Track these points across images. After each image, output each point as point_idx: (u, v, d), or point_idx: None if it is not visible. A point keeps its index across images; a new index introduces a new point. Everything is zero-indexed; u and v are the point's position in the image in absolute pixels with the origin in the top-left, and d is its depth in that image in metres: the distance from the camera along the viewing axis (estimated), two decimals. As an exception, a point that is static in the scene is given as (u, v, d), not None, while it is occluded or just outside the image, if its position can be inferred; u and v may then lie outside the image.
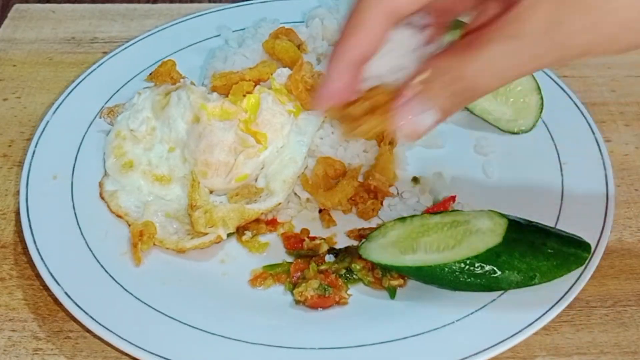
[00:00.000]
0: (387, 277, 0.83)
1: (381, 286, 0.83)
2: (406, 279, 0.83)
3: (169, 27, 1.15)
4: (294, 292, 0.82)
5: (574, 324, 0.82)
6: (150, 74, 1.04)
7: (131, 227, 0.88)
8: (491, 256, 0.77)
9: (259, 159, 0.92)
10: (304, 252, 0.88)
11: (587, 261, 0.81)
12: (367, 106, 0.64)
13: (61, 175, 0.92)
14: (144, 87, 1.02)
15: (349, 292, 0.83)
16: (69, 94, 1.02)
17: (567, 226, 0.84)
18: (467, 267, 0.77)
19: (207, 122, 0.90)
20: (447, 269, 0.77)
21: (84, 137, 0.98)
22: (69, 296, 0.78)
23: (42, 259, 0.82)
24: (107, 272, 0.83)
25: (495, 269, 0.77)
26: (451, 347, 0.75)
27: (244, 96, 0.94)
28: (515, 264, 0.77)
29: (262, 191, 0.91)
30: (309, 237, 0.89)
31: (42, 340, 0.81)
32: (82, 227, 0.87)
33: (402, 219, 0.84)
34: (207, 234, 0.86)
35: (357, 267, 0.84)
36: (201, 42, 1.13)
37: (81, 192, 0.91)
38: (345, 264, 0.85)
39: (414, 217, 0.84)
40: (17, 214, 0.91)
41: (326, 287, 0.82)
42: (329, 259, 0.86)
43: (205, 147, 0.90)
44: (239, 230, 0.89)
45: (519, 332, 0.76)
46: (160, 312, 0.79)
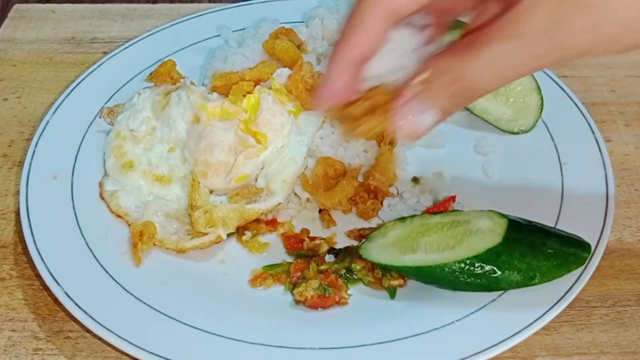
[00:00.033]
0: (387, 277, 0.83)
1: (381, 286, 0.83)
2: (406, 279, 0.83)
3: (169, 27, 1.15)
4: (294, 292, 0.82)
5: (574, 324, 0.82)
6: (150, 74, 1.04)
7: (131, 227, 0.88)
8: (491, 256, 0.77)
9: (259, 159, 0.92)
10: (304, 252, 0.88)
11: (587, 261, 0.81)
12: (367, 106, 0.64)
13: (61, 175, 0.92)
14: (144, 87, 1.02)
15: (349, 292, 0.83)
16: (69, 94, 1.02)
17: (567, 226, 0.84)
18: (467, 267, 0.77)
19: (207, 122, 0.90)
20: (447, 269, 0.77)
21: (84, 137, 0.98)
22: (69, 296, 0.78)
23: (42, 259, 0.82)
24: (107, 272, 0.83)
25: (495, 269, 0.77)
26: (451, 347, 0.75)
27: (244, 96, 0.94)
28: (515, 264, 0.77)
29: (262, 191, 0.91)
30: (309, 237, 0.89)
31: (42, 340, 0.81)
32: (82, 227, 0.87)
33: (402, 219, 0.84)
34: (207, 234, 0.86)
35: (357, 267, 0.84)
36: (201, 42, 1.13)
37: (81, 192, 0.91)
38: (345, 264, 0.85)
39: (414, 217, 0.84)
40: (17, 214, 0.91)
41: (326, 287, 0.82)
42: (329, 259, 0.86)
43: (205, 147, 0.90)
44: (239, 230, 0.89)
45: (519, 332, 0.76)
46: (160, 312, 0.79)
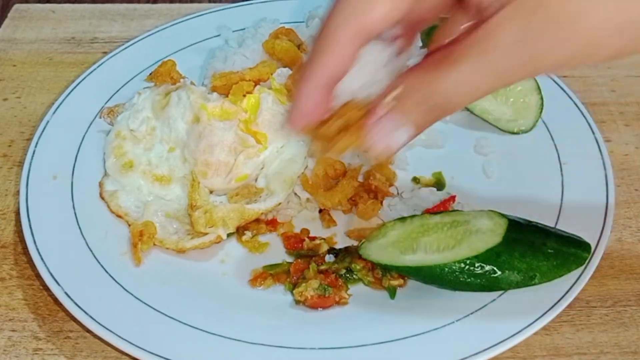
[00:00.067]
0: (387, 277, 0.83)
1: (381, 286, 0.83)
2: (406, 279, 0.83)
3: (169, 27, 1.15)
4: (294, 292, 0.82)
5: (574, 324, 0.82)
6: (150, 74, 1.04)
7: (131, 227, 0.88)
8: (491, 256, 0.77)
9: (259, 159, 0.92)
10: (304, 252, 0.88)
11: (587, 261, 0.81)
12: (340, 123, 0.62)
13: (61, 175, 0.92)
14: (144, 87, 1.02)
15: (349, 292, 0.83)
16: (69, 94, 1.02)
17: (567, 226, 0.84)
18: (467, 267, 0.77)
19: (207, 122, 0.90)
20: (447, 269, 0.77)
21: (84, 137, 0.97)
22: (69, 296, 0.78)
23: (42, 259, 0.82)
24: (107, 272, 0.83)
25: (495, 269, 0.77)
26: (451, 347, 0.75)
27: (244, 96, 0.94)
28: (515, 264, 0.77)
29: (262, 191, 0.91)
30: (309, 237, 0.89)
31: (42, 340, 0.81)
32: (82, 227, 0.87)
33: (402, 219, 0.84)
34: (207, 234, 0.86)
35: (357, 267, 0.84)
36: (201, 42, 1.13)
37: (81, 192, 0.91)
38: (345, 264, 0.85)
39: (414, 217, 0.84)
40: (17, 214, 0.91)
41: (326, 287, 0.82)
42: (329, 259, 0.86)
43: (205, 147, 0.90)
44: (239, 230, 0.89)
45: (519, 332, 0.76)
46: (160, 312, 0.79)
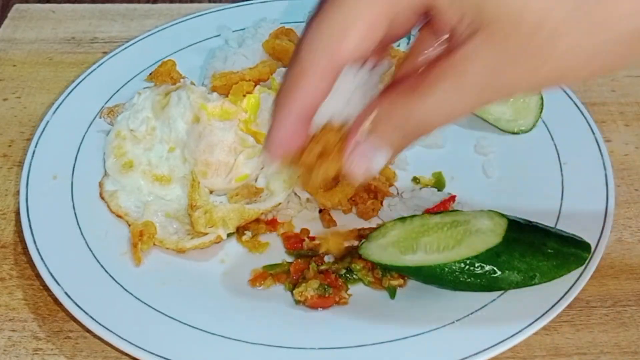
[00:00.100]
0: (387, 277, 0.83)
1: (381, 286, 0.83)
2: (406, 279, 0.83)
3: (169, 27, 1.15)
4: (294, 292, 0.82)
5: (574, 324, 0.82)
6: (150, 74, 1.04)
7: (131, 227, 0.88)
8: (491, 256, 0.77)
9: (259, 159, 0.92)
10: (304, 252, 0.88)
11: (587, 261, 0.81)
12: (319, 149, 0.61)
13: (61, 175, 0.92)
14: (144, 87, 1.02)
15: (349, 292, 0.83)
16: (69, 94, 1.02)
17: (567, 226, 0.84)
18: (467, 267, 0.77)
19: (207, 122, 0.90)
20: (447, 269, 0.77)
21: (84, 137, 0.97)
22: (69, 296, 0.78)
23: (42, 259, 0.82)
24: (107, 272, 0.83)
25: (495, 269, 0.77)
26: (451, 347, 0.75)
27: (244, 96, 0.94)
28: (515, 264, 0.77)
29: (262, 191, 0.91)
30: (309, 237, 0.89)
31: (42, 340, 0.81)
32: (82, 227, 0.87)
33: (402, 219, 0.84)
34: (207, 234, 0.86)
35: (357, 267, 0.84)
36: (201, 42, 1.13)
37: (81, 192, 0.91)
38: (345, 264, 0.85)
39: (414, 217, 0.84)
40: (17, 214, 0.91)
41: (326, 287, 0.82)
42: (329, 259, 0.86)
43: (205, 147, 0.90)
44: (239, 230, 0.89)
45: (519, 332, 0.75)
46: (160, 312, 0.79)
